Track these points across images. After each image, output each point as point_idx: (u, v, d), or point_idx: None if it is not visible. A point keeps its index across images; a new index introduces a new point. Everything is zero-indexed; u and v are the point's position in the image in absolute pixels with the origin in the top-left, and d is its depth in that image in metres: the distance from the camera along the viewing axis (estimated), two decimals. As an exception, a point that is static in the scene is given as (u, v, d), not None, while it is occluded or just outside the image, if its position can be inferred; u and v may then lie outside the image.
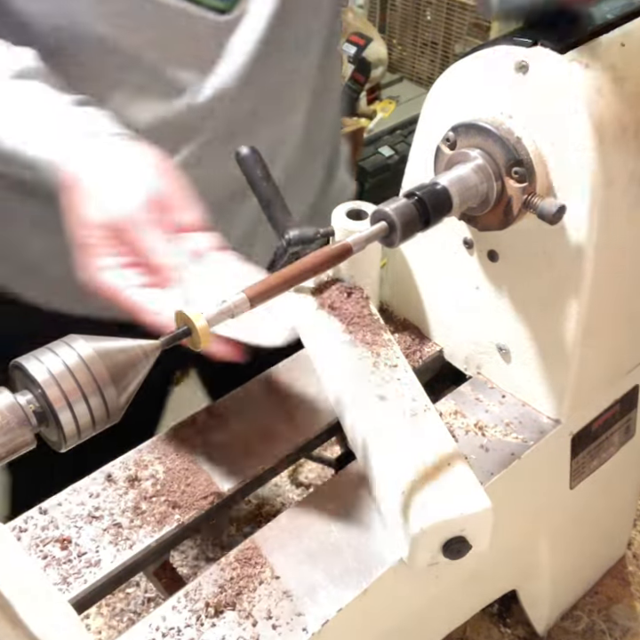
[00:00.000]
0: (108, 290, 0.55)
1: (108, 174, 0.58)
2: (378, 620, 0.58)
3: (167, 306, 0.53)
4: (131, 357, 0.42)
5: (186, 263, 0.55)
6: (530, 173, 0.52)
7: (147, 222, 0.55)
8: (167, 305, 0.53)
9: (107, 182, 0.58)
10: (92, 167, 0.59)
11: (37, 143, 0.62)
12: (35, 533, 0.57)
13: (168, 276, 0.54)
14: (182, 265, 0.54)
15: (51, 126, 0.62)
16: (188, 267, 0.55)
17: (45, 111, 0.63)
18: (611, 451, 0.74)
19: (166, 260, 0.54)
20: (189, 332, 0.45)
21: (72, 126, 0.62)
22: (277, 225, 0.62)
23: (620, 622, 0.83)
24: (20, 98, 0.64)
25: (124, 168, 0.58)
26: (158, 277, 0.55)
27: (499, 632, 0.82)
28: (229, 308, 0.46)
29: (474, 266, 0.63)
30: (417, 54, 2.68)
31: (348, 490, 0.60)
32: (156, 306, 0.53)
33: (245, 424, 0.65)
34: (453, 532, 0.53)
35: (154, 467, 0.62)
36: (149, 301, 0.54)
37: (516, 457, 0.61)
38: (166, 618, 0.52)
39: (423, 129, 0.62)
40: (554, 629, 0.83)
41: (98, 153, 0.60)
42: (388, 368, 0.64)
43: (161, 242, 0.55)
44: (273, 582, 0.54)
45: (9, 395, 0.38)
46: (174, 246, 0.55)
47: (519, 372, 0.65)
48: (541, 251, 0.57)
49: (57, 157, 0.60)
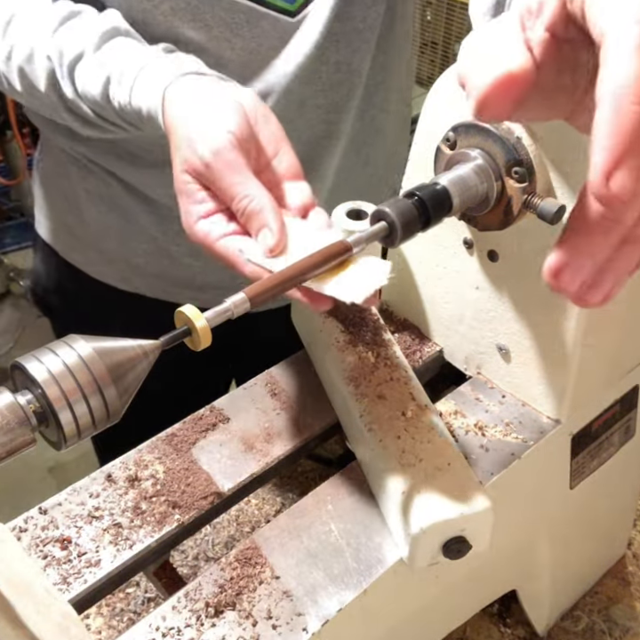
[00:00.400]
0: (203, 239, 0.54)
1: (199, 115, 0.56)
2: (378, 620, 0.58)
3: (259, 255, 0.51)
4: (131, 357, 0.42)
5: (270, 210, 0.52)
6: (530, 173, 0.52)
7: (234, 165, 0.53)
8: (259, 254, 0.51)
9: (198, 124, 0.55)
10: (186, 109, 0.57)
11: (138, 92, 0.62)
12: (35, 533, 0.57)
13: (259, 223, 0.52)
14: (267, 209, 0.52)
15: (146, 75, 0.62)
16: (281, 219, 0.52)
17: (139, 61, 0.63)
18: (611, 451, 0.74)
19: (255, 207, 0.52)
20: (189, 332, 0.45)
21: (166, 71, 0.61)
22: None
23: (620, 622, 0.83)
24: (113, 53, 0.65)
25: (216, 107, 0.56)
26: (250, 224, 0.53)
27: (499, 632, 0.82)
28: (229, 307, 0.46)
29: (474, 266, 0.63)
30: (417, 54, 2.68)
31: (348, 490, 0.60)
32: (249, 255, 0.52)
33: (245, 424, 0.65)
34: (453, 532, 0.53)
35: (154, 467, 0.62)
36: (242, 251, 0.52)
37: (516, 457, 0.61)
38: (166, 618, 0.52)
39: (423, 129, 0.62)
40: (554, 629, 0.83)
41: (191, 93, 0.58)
42: (387, 368, 0.64)
43: (250, 187, 0.53)
44: (273, 582, 0.54)
45: (9, 395, 0.38)
46: (259, 189, 0.53)
47: (519, 372, 0.65)
48: (541, 251, 0.57)
49: (154, 104, 0.60)
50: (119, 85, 0.63)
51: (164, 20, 0.71)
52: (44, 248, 0.99)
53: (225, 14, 0.73)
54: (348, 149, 0.89)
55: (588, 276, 0.36)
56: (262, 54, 0.76)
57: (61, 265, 0.97)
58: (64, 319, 1.04)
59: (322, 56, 0.78)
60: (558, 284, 0.37)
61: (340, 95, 0.82)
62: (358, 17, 0.78)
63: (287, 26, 0.75)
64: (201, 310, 0.44)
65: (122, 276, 0.95)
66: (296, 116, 0.81)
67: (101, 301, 0.98)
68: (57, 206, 0.95)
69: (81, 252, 0.95)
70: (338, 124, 0.85)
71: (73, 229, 0.94)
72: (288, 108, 0.80)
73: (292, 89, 0.79)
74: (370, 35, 0.80)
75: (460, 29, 2.50)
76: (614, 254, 0.35)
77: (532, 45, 0.36)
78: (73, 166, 0.89)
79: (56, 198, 0.95)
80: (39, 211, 0.99)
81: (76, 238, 0.94)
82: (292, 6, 0.75)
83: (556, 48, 0.36)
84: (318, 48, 0.77)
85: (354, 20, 0.78)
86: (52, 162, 0.93)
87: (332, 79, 0.81)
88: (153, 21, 0.71)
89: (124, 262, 0.93)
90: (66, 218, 0.94)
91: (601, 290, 0.37)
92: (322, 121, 0.83)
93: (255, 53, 0.76)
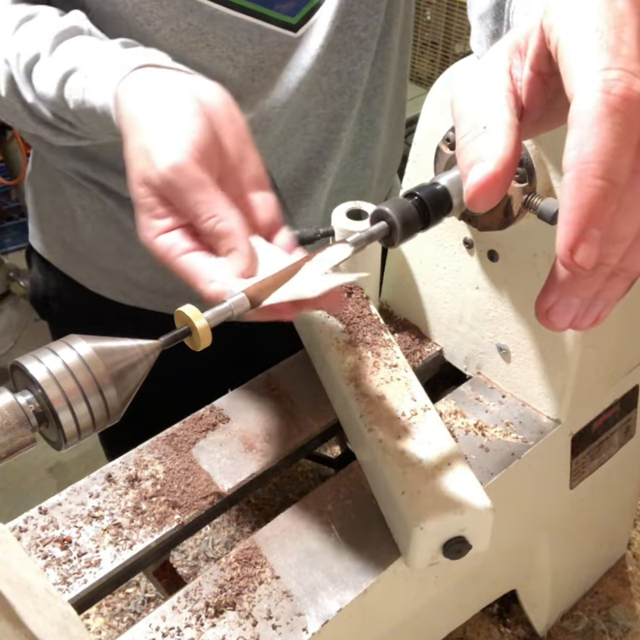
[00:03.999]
0: (165, 255, 0.51)
1: (155, 118, 0.51)
2: (378, 620, 0.58)
3: (221, 274, 0.48)
4: (131, 357, 0.42)
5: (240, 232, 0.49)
6: (530, 173, 0.52)
7: (197, 182, 0.49)
8: (221, 273, 0.48)
9: (154, 130, 0.50)
10: (141, 108, 0.53)
11: (90, 89, 0.58)
12: (35, 533, 0.57)
13: (228, 246, 0.49)
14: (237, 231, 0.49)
15: (99, 70, 0.58)
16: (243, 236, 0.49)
17: (93, 57, 0.60)
18: (611, 451, 0.74)
19: (224, 229, 0.49)
20: (189, 332, 0.45)
21: (119, 65, 0.56)
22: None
23: (620, 622, 0.83)
24: (70, 52, 0.62)
25: (174, 108, 0.51)
26: (218, 245, 0.49)
27: (499, 632, 0.82)
28: (229, 307, 0.46)
29: (474, 266, 0.63)
30: (417, 54, 2.68)
31: (348, 490, 0.60)
32: (210, 274, 0.49)
33: (245, 424, 0.65)
34: (453, 532, 0.53)
35: (154, 467, 0.62)
36: (202, 269, 0.49)
37: (516, 457, 0.61)
38: (166, 618, 0.52)
39: (423, 129, 0.62)
40: (554, 629, 0.83)
41: (146, 89, 0.54)
42: (388, 368, 0.64)
43: (216, 205, 0.49)
44: (273, 582, 0.54)
45: (9, 395, 0.38)
46: (227, 209, 0.49)
47: (519, 372, 0.65)
48: (541, 251, 0.57)
49: (106, 101, 0.56)
50: (73, 83, 0.60)
51: (165, 42, 0.70)
52: (39, 261, 0.98)
53: (226, 34, 0.72)
54: (348, 153, 0.89)
55: (577, 311, 0.37)
56: (265, 70, 0.75)
57: (59, 277, 0.96)
58: (64, 325, 1.03)
59: (323, 67, 0.78)
60: (550, 324, 0.38)
61: (341, 104, 0.82)
62: (360, 26, 0.77)
63: (290, 41, 0.75)
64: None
65: (121, 290, 0.93)
66: (299, 126, 0.81)
67: (101, 313, 0.96)
68: (52, 222, 0.94)
69: (78, 267, 0.94)
70: (339, 132, 0.84)
71: (69, 245, 0.93)
72: (291, 121, 0.80)
73: (294, 102, 0.78)
74: (371, 42, 0.80)
75: (460, 29, 2.50)
76: (602, 286, 0.36)
77: (518, 87, 0.38)
78: (67, 183, 0.87)
79: (51, 214, 0.93)
80: (33, 225, 0.97)
81: (73, 254, 0.93)
82: (294, 19, 0.74)
83: (542, 84, 0.38)
84: (320, 60, 0.76)
85: (355, 29, 0.77)
86: (44, 178, 0.91)
87: (333, 89, 0.80)
88: (153, 44, 0.68)
89: (122, 277, 0.92)
90: (61, 233, 0.93)
91: (590, 316, 0.38)
92: (324, 129, 0.83)
93: (258, 70, 0.75)
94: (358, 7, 0.76)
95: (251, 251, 0.50)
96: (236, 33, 0.72)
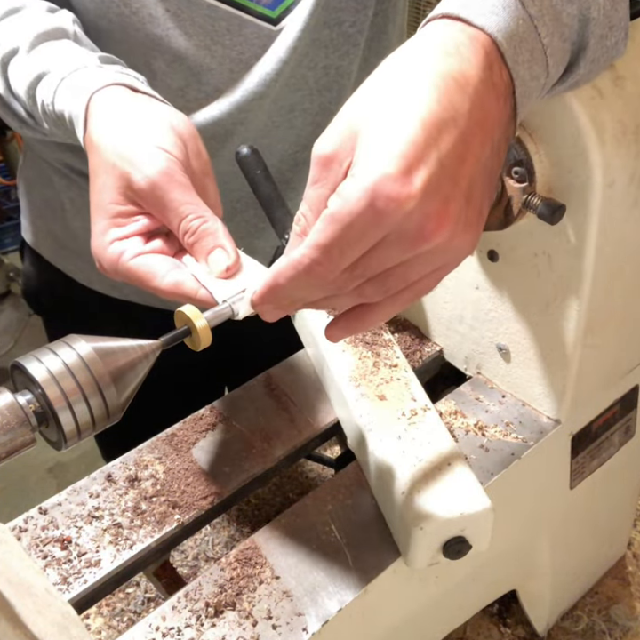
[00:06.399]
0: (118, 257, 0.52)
1: (132, 131, 0.53)
2: (378, 620, 0.58)
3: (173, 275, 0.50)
4: (131, 357, 0.42)
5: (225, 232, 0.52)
6: (530, 173, 0.52)
7: (183, 184, 0.51)
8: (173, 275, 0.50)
9: (133, 143, 0.53)
10: (115, 122, 0.54)
11: (62, 94, 0.59)
12: (35, 533, 0.57)
13: (214, 243, 0.51)
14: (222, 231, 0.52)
15: (75, 78, 0.59)
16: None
17: (72, 64, 0.60)
18: (611, 451, 0.74)
19: (209, 227, 0.51)
20: (189, 332, 0.45)
21: (96, 78, 0.58)
22: (277, 225, 0.62)
23: (620, 622, 0.83)
24: (49, 53, 0.63)
25: (150, 126, 0.54)
26: (200, 243, 0.52)
27: (499, 632, 0.82)
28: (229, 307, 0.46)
29: (474, 266, 0.63)
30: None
31: (348, 490, 0.60)
32: (163, 269, 0.51)
33: (245, 424, 0.65)
34: (453, 532, 0.53)
35: (154, 467, 0.62)
36: (154, 265, 0.51)
37: (516, 457, 0.61)
38: (166, 618, 0.52)
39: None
40: (554, 629, 0.83)
41: (121, 105, 0.56)
42: (388, 368, 0.64)
43: (202, 208, 0.52)
44: (273, 582, 0.54)
45: (9, 395, 0.38)
46: (210, 213, 0.52)
47: (519, 371, 0.65)
48: (541, 251, 0.57)
49: (77, 109, 0.57)
50: (45, 85, 0.60)
51: (142, 26, 0.70)
52: (31, 253, 0.98)
53: (205, 22, 0.72)
54: None
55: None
56: (244, 62, 0.75)
57: (50, 270, 0.96)
58: (57, 319, 1.04)
59: (309, 62, 0.78)
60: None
61: (329, 98, 0.82)
62: (347, 22, 0.77)
63: (269, 34, 0.74)
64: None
65: (111, 284, 0.93)
66: (285, 120, 0.81)
67: (92, 307, 0.97)
68: (42, 215, 0.94)
69: (69, 260, 0.94)
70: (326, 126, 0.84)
71: (59, 238, 0.93)
72: (277, 114, 0.80)
73: (279, 96, 0.78)
74: (359, 38, 0.80)
75: (460, 29, 2.50)
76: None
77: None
78: (55, 175, 0.88)
79: (41, 207, 0.94)
80: (25, 217, 0.98)
81: (63, 246, 0.93)
82: (274, 13, 0.74)
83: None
84: (302, 54, 0.76)
85: (342, 25, 0.77)
86: (35, 171, 0.92)
87: (320, 83, 0.80)
88: (130, 27, 0.70)
89: None
90: (52, 226, 0.93)
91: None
92: (310, 123, 0.83)
93: (237, 62, 0.75)
94: (346, 4, 0.76)
95: (235, 248, 0.52)
96: (214, 22, 0.72)
